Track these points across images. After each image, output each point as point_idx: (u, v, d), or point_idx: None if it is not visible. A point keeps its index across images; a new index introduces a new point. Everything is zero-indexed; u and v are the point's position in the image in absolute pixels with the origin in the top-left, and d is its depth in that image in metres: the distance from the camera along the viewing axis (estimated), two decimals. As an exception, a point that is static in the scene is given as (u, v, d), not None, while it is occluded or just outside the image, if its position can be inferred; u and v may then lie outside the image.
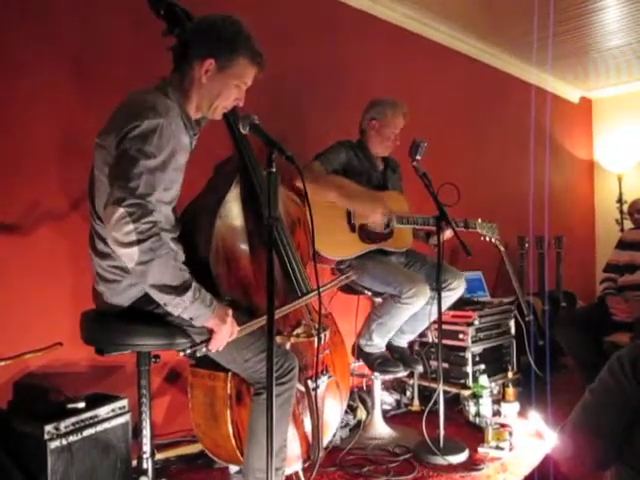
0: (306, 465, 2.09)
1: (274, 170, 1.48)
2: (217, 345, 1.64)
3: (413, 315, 2.70)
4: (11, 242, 2.16)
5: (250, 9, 2.88)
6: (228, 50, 1.66)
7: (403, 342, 2.84)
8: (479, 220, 2.96)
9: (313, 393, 2.03)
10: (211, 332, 1.62)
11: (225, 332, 1.62)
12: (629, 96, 5.58)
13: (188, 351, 1.61)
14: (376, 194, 2.74)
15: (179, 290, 1.50)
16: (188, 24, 1.87)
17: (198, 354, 1.63)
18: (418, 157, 2.60)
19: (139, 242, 1.44)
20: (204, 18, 1.71)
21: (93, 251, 1.73)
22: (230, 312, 1.64)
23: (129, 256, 1.46)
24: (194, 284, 1.55)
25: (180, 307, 1.53)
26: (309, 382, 2.04)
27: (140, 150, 1.50)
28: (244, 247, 2.00)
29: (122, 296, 1.70)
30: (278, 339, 1.90)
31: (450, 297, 2.76)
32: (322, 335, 2.03)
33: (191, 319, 1.57)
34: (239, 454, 1.88)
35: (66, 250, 2.29)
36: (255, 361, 1.74)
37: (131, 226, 1.43)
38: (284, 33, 3.03)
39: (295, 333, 2.01)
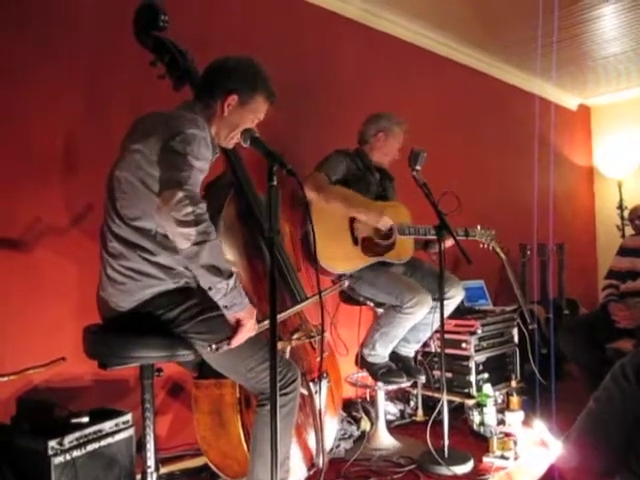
0: (311, 472, 2.09)
1: (275, 183, 1.50)
2: (240, 339, 1.68)
3: (416, 325, 2.70)
4: (14, 258, 2.17)
5: (250, 25, 2.93)
6: (249, 87, 1.85)
7: (408, 351, 2.83)
8: (478, 227, 2.98)
9: (316, 396, 2.04)
10: (236, 326, 1.67)
11: (250, 327, 1.68)
12: (627, 102, 5.61)
13: (214, 346, 1.65)
14: (379, 205, 2.75)
15: (225, 274, 1.60)
16: (187, 57, 2.05)
17: (220, 350, 1.66)
18: (418, 167, 2.62)
19: (196, 223, 1.53)
20: (229, 58, 1.89)
21: (105, 252, 1.76)
22: (255, 311, 1.71)
23: (186, 236, 1.53)
24: (236, 275, 1.64)
25: (222, 292, 1.61)
26: (311, 385, 2.05)
27: (186, 150, 1.63)
28: (242, 259, 2.01)
29: (131, 297, 1.72)
30: (279, 344, 1.90)
31: (448, 305, 2.75)
32: (323, 335, 2.05)
33: (225, 307, 1.64)
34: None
35: (69, 265, 2.29)
36: (258, 370, 1.76)
37: (190, 208, 1.53)
38: (281, 45, 3.07)
39: (295, 337, 2.04)
